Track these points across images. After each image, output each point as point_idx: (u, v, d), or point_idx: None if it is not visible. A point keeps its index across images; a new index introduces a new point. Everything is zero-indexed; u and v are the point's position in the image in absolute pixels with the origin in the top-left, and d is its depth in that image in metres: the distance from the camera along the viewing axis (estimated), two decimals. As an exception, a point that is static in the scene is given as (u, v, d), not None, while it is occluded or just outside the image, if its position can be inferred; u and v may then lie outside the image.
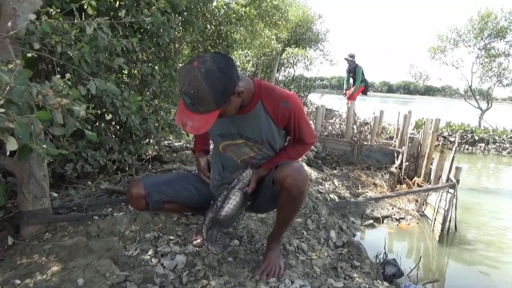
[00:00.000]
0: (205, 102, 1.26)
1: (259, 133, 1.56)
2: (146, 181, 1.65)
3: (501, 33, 11.51)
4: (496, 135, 10.07)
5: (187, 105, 1.30)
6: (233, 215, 1.53)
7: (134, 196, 1.60)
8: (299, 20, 13.41)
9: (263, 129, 1.55)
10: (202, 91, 1.23)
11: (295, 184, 1.47)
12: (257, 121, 1.54)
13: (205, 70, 1.23)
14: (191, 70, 1.23)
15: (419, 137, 5.10)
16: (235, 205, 1.53)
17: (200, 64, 1.24)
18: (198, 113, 1.29)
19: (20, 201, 1.84)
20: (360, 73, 8.06)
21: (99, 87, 1.48)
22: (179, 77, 1.29)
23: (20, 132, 1.02)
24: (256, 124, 1.54)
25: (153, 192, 1.62)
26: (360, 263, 2.11)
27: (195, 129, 1.31)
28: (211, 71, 1.24)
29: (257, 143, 1.59)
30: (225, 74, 1.27)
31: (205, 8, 3.61)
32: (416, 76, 13.72)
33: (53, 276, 1.48)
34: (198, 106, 1.27)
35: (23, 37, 1.54)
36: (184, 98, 1.28)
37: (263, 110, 1.52)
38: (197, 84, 1.22)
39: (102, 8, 2.38)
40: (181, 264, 1.68)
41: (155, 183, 1.67)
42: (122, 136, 2.84)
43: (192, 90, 1.23)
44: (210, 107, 1.28)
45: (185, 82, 1.24)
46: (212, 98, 1.25)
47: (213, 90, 1.24)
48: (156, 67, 3.00)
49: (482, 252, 3.36)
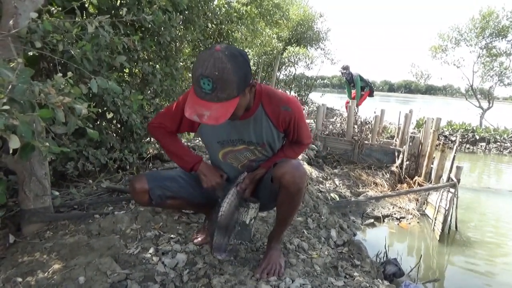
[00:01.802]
0: (228, 86, 1.23)
1: (260, 137, 1.57)
2: (149, 176, 1.64)
3: (503, 32, 11.48)
4: (497, 135, 10.06)
5: (204, 94, 1.24)
6: (229, 214, 1.54)
7: (138, 191, 1.59)
8: (300, 19, 13.39)
9: (264, 132, 1.56)
10: (227, 73, 1.21)
11: (293, 181, 1.47)
12: (258, 125, 1.55)
13: (229, 54, 1.23)
14: (215, 53, 1.22)
15: (420, 136, 5.10)
16: (228, 203, 1.54)
17: (223, 49, 1.24)
18: (217, 101, 1.24)
19: (21, 199, 1.84)
20: (358, 80, 8.00)
21: (100, 85, 1.48)
22: (197, 62, 1.24)
23: (22, 130, 1.02)
24: (258, 128, 1.55)
25: (156, 187, 1.61)
26: (361, 262, 2.11)
27: (214, 118, 1.24)
28: (235, 55, 1.24)
29: (258, 146, 1.60)
30: (246, 61, 1.29)
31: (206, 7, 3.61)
32: (418, 75, 13.70)
33: (55, 274, 1.49)
34: (219, 92, 1.23)
35: (25, 36, 1.54)
36: (202, 84, 1.23)
37: (263, 114, 1.53)
38: (222, 66, 1.20)
39: (103, 6, 2.38)
40: (182, 263, 1.69)
41: (159, 178, 1.66)
42: (123, 135, 2.85)
43: (216, 72, 1.20)
44: (231, 93, 1.25)
45: (208, 65, 1.20)
46: (235, 82, 1.24)
47: (237, 73, 1.23)
48: (157, 66, 3.00)
49: (483, 252, 3.36)
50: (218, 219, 1.53)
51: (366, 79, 8.11)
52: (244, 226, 1.59)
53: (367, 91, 8.03)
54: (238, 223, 1.58)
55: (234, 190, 1.59)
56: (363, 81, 8.02)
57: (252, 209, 1.59)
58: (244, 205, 1.59)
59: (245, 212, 1.59)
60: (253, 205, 1.60)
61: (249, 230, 1.61)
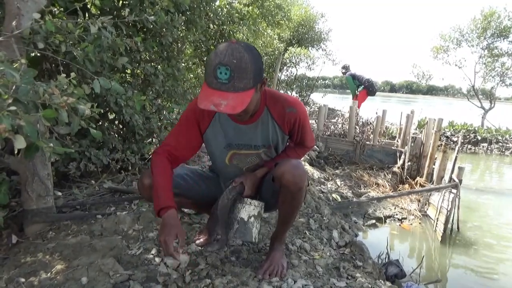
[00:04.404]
0: (245, 76, 1.24)
1: (267, 139, 1.58)
2: None
3: (504, 32, 11.44)
4: (499, 135, 10.02)
5: (221, 84, 1.24)
6: (222, 207, 1.54)
7: (146, 186, 1.58)
8: (302, 20, 13.37)
9: (271, 135, 1.57)
10: (245, 62, 1.23)
11: (293, 180, 1.47)
12: (265, 127, 1.55)
13: (245, 46, 1.27)
14: (231, 44, 1.25)
15: (421, 137, 5.09)
16: (223, 196, 1.56)
17: (239, 41, 1.28)
18: (233, 91, 1.24)
19: (24, 199, 1.85)
20: (350, 81, 8.03)
21: (103, 86, 1.48)
22: (213, 54, 1.26)
23: (27, 131, 1.02)
24: (264, 131, 1.56)
25: None
26: (363, 263, 2.11)
27: (231, 107, 1.23)
28: (250, 48, 1.28)
29: (264, 148, 1.61)
30: (260, 55, 1.32)
31: (208, 8, 3.61)
32: (419, 75, 13.67)
33: (57, 275, 1.49)
34: (236, 81, 1.23)
35: (28, 36, 1.55)
36: (219, 74, 1.23)
37: (269, 116, 1.54)
38: (240, 55, 1.23)
39: (106, 7, 2.39)
40: (184, 263, 1.68)
41: None
42: (125, 136, 2.85)
43: (235, 60, 1.22)
44: (248, 83, 1.26)
45: (226, 54, 1.22)
46: (252, 72, 1.25)
47: (254, 63, 1.26)
48: (159, 67, 3.01)
49: (485, 253, 3.35)
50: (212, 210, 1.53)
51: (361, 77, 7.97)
52: (242, 224, 1.57)
53: (361, 90, 7.93)
54: (236, 220, 1.57)
55: (230, 186, 1.60)
56: (357, 80, 7.98)
57: (249, 206, 1.58)
58: (241, 201, 1.58)
59: (242, 208, 1.57)
60: (251, 201, 1.59)
61: (249, 229, 1.58)
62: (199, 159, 3.53)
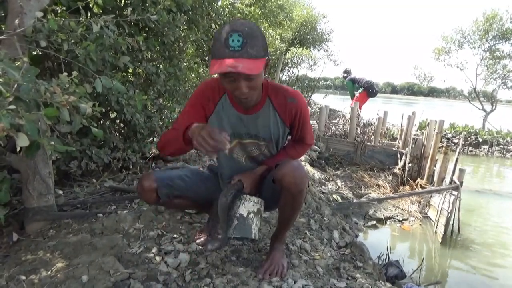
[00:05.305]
0: (257, 43, 1.25)
1: (268, 131, 1.58)
2: (158, 175, 1.63)
3: (506, 35, 11.43)
4: (500, 137, 10.01)
5: (234, 52, 1.22)
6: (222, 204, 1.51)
7: (146, 189, 1.59)
8: (304, 20, 13.37)
9: (272, 126, 1.57)
10: (256, 30, 1.27)
11: (294, 182, 1.47)
12: (266, 118, 1.55)
13: (251, 23, 1.32)
14: (238, 19, 1.31)
15: (422, 139, 5.09)
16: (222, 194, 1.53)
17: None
18: (247, 57, 1.24)
19: (25, 197, 1.85)
20: (349, 85, 8.14)
21: (105, 85, 1.48)
22: (221, 28, 1.27)
23: (28, 129, 1.02)
24: (266, 122, 1.56)
25: (164, 185, 1.61)
26: (363, 263, 2.11)
27: (248, 69, 1.22)
28: (255, 24, 1.33)
29: (264, 141, 1.61)
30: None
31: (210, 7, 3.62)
32: (421, 77, 13.68)
33: (58, 273, 1.49)
34: (249, 47, 1.23)
35: (30, 35, 1.55)
36: (231, 42, 1.22)
37: (271, 106, 1.55)
38: (250, 24, 1.27)
39: (108, 6, 2.39)
40: (185, 263, 1.69)
41: (167, 177, 1.65)
42: (126, 135, 2.85)
43: (246, 28, 1.24)
44: (259, 51, 1.27)
45: (237, 23, 1.26)
46: (262, 41, 1.28)
47: (262, 34, 1.30)
48: (161, 66, 3.01)
49: (485, 255, 3.35)
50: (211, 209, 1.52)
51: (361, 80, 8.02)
52: (242, 220, 1.54)
53: (361, 92, 7.95)
54: (236, 216, 1.55)
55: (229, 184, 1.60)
56: (357, 84, 8.03)
57: (249, 202, 1.56)
58: (240, 198, 1.57)
59: (241, 204, 1.55)
60: (251, 197, 1.57)
61: (249, 225, 1.55)
62: (200, 159, 3.53)
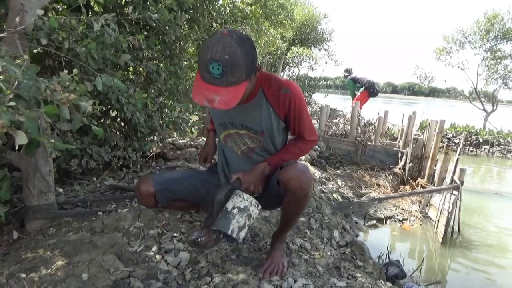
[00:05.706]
0: (238, 70, 1.23)
1: (259, 123, 1.55)
2: (155, 179, 1.63)
3: (508, 35, 11.41)
4: (500, 138, 10.00)
5: (214, 79, 1.24)
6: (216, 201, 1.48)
7: (144, 194, 1.59)
8: (305, 20, 13.38)
9: (264, 118, 1.53)
10: (237, 57, 1.22)
11: (299, 186, 1.46)
12: (258, 109, 1.53)
13: (237, 38, 1.24)
14: (223, 37, 1.22)
15: (423, 138, 5.08)
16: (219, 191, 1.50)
17: (231, 33, 1.25)
18: (226, 85, 1.24)
19: (25, 195, 1.85)
20: (350, 85, 8.12)
21: (105, 83, 1.48)
22: (205, 47, 1.24)
23: (28, 126, 1.02)
24: (257, 113, 1.53)
25: (162, 189, 1.61)
26: (363, 263, 2.11)
27: (224, 103, 1.24)
28: (243, 39, 1.26)
29: (256, 134, 1.58)
30: (253, 46, 1.30)
31: (211, 6, 3.60)
32: (421, 77, 13.65)
33: (58, 271, 1.49)
34: (229, 76, 1.23)
35: (31, 33, 1.55)
36: (211, 69, 1.22)
37: (264, 97, 1.52)
38: (232, 49, 1.21)
39: (109, 4, 2.38)
40: (185, 261, 1.69)
41: (165, 181, 1.65)
42: (126, 133, 2.85)
43: (226, 56, 1.20)
44: (240, 77, 1.25)
45: (218, 49, 1.21)
46: (244, 66, 1.25)
47: (246, 56, 1.25)
48: (162, 65, 3.01)
49: (485, 255, 3.34)
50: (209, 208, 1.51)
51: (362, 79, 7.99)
52: (224, 213, 1.45)
53: (362, 91, 7.93)
54: (222, 210, 1.47)
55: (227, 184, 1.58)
56: (358, 83, 8.02)
57: (238, 197, 1.47)
58: (233, 193, 1.50)
59: (231, 199, 1.48)
60: (242, 193, 1.49)
61: (229, 220, 1.43)
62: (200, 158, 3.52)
